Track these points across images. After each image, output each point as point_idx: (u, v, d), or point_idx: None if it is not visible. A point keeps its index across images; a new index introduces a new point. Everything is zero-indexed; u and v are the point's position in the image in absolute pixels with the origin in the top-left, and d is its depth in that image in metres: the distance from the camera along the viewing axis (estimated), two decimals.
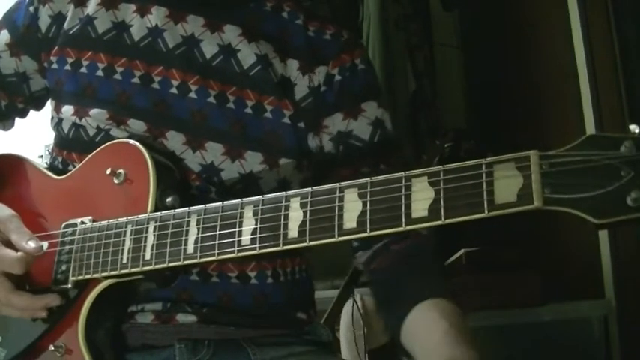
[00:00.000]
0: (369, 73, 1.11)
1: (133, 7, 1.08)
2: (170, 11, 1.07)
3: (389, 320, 1.04)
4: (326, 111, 1.07)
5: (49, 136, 1.16)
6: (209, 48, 1.06)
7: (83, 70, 1.06)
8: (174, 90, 1.04)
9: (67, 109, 1.06)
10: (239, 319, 1.02)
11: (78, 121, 1.04)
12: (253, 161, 1.03)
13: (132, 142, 0.97)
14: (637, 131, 0.64)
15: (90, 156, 1.01)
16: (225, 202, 0.86)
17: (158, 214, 0.90)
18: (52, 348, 0.95)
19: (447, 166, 0.72)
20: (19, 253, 0.93)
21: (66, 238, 0.97)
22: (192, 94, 1.04)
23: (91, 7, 1.09)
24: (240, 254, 0.83)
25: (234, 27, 1.07)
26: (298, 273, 1.11)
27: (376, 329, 1.85)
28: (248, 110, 1.04)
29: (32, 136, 1.34)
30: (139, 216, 0.91)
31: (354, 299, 1.90)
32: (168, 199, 0.93)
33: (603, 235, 2.17)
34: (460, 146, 2.22)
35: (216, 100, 1.04)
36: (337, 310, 1.97)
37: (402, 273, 1.03)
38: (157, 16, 1.07)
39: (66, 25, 1.09)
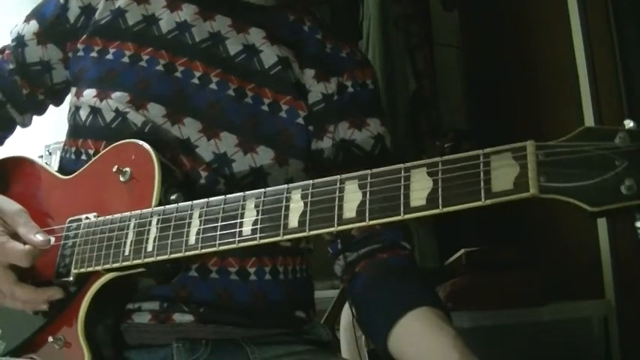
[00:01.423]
0: (376, 93, 1.17)
1: (163, 2, 1.12)
2: (200, 9, 1.11)
3: (373, 322, 1.03)
4: (333, 118, 1.11)
5: (49, 136, 1.16)
6: (233, 46, 1.09)
7: (109, 57, 1.09)
8: (195, 80, 1.06)
9: (89, 93, 1.07)
10: (237, 319, 1.02)
11: (98, 103, 1.06)
12: (265, 156, 1.05)
13: (139, 142, 0.98)
14: (631, 125, 0.66)
15: (97, 156, 1.03)
16: (228, 195, 0.87)
17: (161, 208, 0.91)
18: (51, 340, 0.96)
19: (445, 157, 0.73)
20: (27, 247, 0.94)
21: (70, 233, 0.98)
22: (213, 86, 1.06)
23: (122, 0, 1.12)
24: (241, 244, 0.84)
25: (259, 30, 1.11)
26: (299, 272, 1.12)
27: None
28: (264, 107, 1.07)
29: (32, 136, 1.34)
30: (143, 210, 0.92)
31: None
32: (172, 197, 0.94)
33: (603, 235, 2.17)
34: (460, 146, 2.22)
35: (235, 93, 1.06)
36: (337, 310, 1.97)
37: (393, 278, 1.04)
38: (186, 12, 1.11)
39: (97, 16, 1.11)
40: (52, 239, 0.97)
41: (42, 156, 2.68)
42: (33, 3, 1.19)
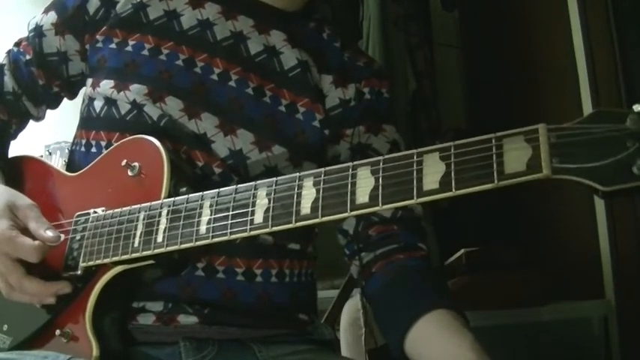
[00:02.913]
0: (391, 103, 1.18)
1: None
2: (223, 9, 1.12)
3: (389, 323, 1.04)
4: (350, 122, 1.12)
5: (49, 136, 1.16)
6: (255, 45, 1.10)
7: (128, 48, 1.08)
8: (214, 77, 1.07)
9: (106, 83, 1.07)
10: (241, 320, 1.02)
11: (115, 94, 1.06)
12: (279, 156, 1.05)
13: (148, 137, 0.99)
14: None
15: (105, 152, 1.03)
16: (239, 185, 0.87)
17: (172, 199, 0.91)
18: (59, 333, 0.96)
19: (458, 142, 0.73)
20: (37, 242, 0.94)
21: (78, 227, 0.98)
22: (232, 83, 1.07)
23: None
24: (253, 233, 0.84)
25: (280, 32, 1.12)
26: (304, 276, 1.12)
27: (376, 329, 1.85)
28: (282, 108, 1.08)
29: (32, 137, 1.34)
30: (153, 202, 0.92)
31: (361, 298, 1.90)
32: (182, 190, 0.94)
33: (603, 235, 2.17)
34: None
35: (253, 92, 1.07)
36: (337, 310, 1.97)
37: (409, 279, 1.04)
38: (209, 11, 1.11)
39: (118, 9, 1.11)
40: (62, 236, 0.97)
41: (42, 156, 2.67)
42: (33, 3, 1.19)
